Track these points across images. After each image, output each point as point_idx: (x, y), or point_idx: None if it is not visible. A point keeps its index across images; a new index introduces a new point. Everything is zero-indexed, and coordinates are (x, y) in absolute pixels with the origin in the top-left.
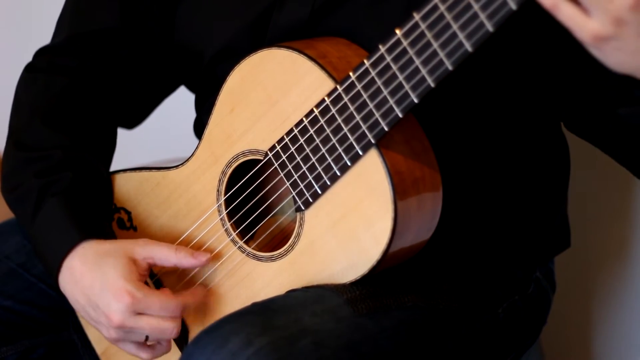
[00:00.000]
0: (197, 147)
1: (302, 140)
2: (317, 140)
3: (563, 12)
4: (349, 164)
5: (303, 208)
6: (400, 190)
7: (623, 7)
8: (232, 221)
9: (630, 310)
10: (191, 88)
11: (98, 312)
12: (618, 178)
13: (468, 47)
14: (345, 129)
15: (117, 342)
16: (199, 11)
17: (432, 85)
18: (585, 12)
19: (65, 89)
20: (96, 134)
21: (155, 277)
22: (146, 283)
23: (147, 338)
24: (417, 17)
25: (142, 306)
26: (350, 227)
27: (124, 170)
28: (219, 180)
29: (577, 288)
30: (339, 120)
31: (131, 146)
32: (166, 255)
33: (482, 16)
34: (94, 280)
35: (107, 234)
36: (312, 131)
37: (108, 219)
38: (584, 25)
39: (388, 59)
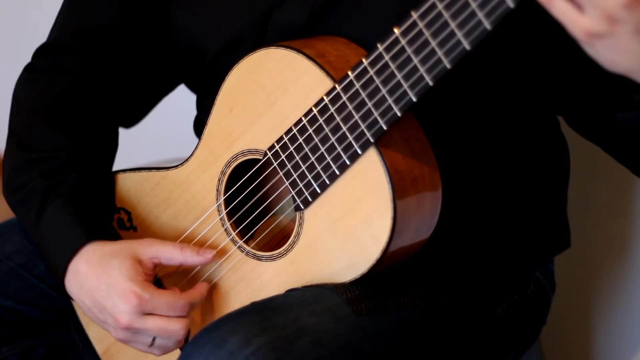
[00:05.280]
0: (196, 147)
1: (301, 140)
2: (316, 140)
3: (557, 7)
4: (348, 162)
5: (302, 207)
6: (400, 189)
7: (616, 5)
8: (231, 221)
9: (630, 310)
10: (192, 87)
11: (105, 314)
12: (618, 178)
13: (466, 45)
14: (344, 128)
15: (126, 342)
16: (200, 9)
17: (431, 83)
18: (579, 8)
19: (67, 90)
20: (98, 134)
21: (155, 278)
22: None
23: (154, 341)
24: (415, 15)
25: (149, 307)
26: (350, 226)
27: (124, 171)
28: (219, 180)
29: (577, 288)
30: (338, 119)
31: (131, 146)
32: (171, 254)
33: (480, 14)
34: (100, 282)
35: (111, 235)
36: (310, 130)
37: (109, 219)
38: (576, 22)
39: (386, 57)
